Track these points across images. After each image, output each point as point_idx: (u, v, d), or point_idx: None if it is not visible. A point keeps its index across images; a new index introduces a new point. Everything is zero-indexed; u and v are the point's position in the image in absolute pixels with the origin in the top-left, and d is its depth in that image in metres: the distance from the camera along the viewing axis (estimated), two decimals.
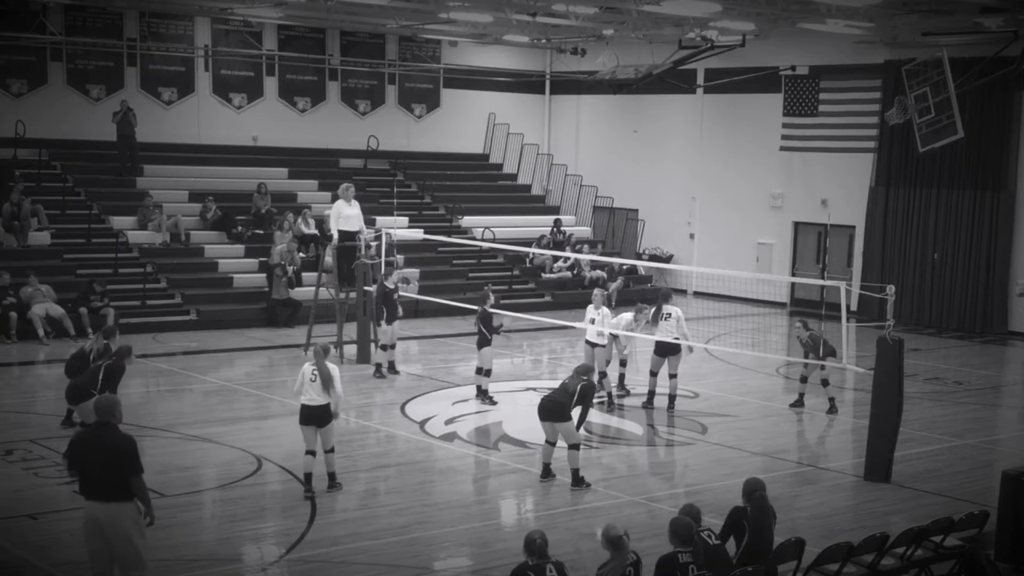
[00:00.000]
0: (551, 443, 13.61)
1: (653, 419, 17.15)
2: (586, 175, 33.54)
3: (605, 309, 17.77)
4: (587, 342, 17.82)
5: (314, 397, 12.72)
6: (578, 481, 13.41)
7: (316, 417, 12.76)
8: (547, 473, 13.67)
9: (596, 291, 18.31)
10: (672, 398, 17.50)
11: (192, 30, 28.65)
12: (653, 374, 17.77)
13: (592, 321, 17.63)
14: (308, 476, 12.94)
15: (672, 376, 17.49)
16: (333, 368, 12.83)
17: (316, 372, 12.71)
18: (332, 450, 13.04)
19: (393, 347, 19.70)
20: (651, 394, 17.77)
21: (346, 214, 21.26)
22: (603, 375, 17.58)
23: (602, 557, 8.41)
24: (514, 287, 28.05)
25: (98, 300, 22.48)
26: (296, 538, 11.49)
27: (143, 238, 25.49)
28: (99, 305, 22.40)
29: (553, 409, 13.39)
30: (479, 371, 18.02)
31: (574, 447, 13.40)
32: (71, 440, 9.29)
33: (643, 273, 30.59)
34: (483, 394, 17.92)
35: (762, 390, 19.49)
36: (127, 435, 9.12)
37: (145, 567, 9.07)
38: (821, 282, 23.90)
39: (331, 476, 13.10)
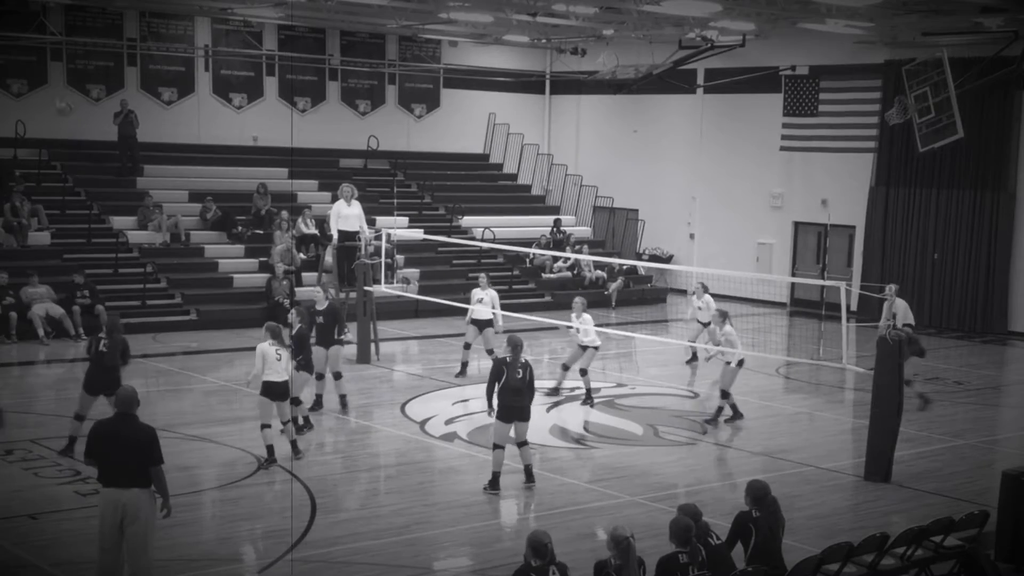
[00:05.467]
0: (503, 447, 13.21)
1: (654, 419, 17.15)
2: (586, 175, 33.54)
3: (587, 315, 17.80)
4: (579, 345, 18.07)
5: (279, 374, 13.68)
6: (531, 477, 13.41)
7: (279, 392, 13.72)
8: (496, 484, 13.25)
9: (576, 300, 18.27)
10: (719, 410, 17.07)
11: (192, 30, 28.64)
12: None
13: (577, 330, 17.86)
14: (271, 448, 13.82)
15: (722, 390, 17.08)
16: (284, 353, 13.88)
17: (280, 351, 13.70)
18: (288, 423, 14.01)
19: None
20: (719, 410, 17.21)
21: (345, 214, 21.27)
22: (583, 372, 17.87)
23: (601, 557, 8.40)
24: (514, 287, 28.05)
25: (83, 295, 22.45)
26: (296, 538, 11.49)
27: (143, 238, 25.49)
28: (86, 303, 22.38)
29: (526, 408, 13.19)
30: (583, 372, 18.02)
31: (525, 444, 13.42)
32: (91, 430, 9.43)
33: (643, 273, 30.58)
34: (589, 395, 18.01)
35: (762, 390, 19.48)
36: (147, 426, 9.45)
37: (150, 558, 9.29)
38: (821, 282, 23.91)
39: (293, 444, 14.11)
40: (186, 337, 22.61)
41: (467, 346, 19.81)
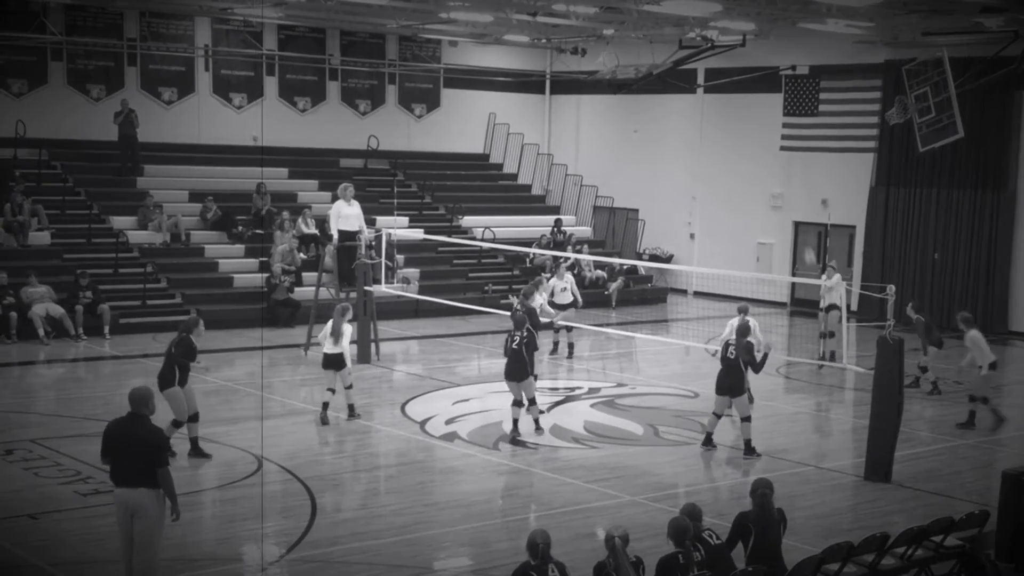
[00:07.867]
0: (718, 415, 15.16)
1: (654, 419, 17.14)
2: (586, 175, 33.54)
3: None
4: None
5: (331, 347, 15.85)
6: (750, 450, 14.97)
7: (332, 363, 15.90)
8: (708, 442, 15.24)
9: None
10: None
11: (192, 30, 28.63)
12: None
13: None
14: (325, 404, 16.01)
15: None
16: (348, 327, 16.01)
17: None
18: (350, 387, 16.12)
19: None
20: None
21: (345, 213, 21.27)
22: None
23: (601, 557, 8.41)
24: (514, 287, 28.02)
25: (85, 296, 22.43)
26: (296, 538, 11.49)
27: (143, 238, 25.49)
28: (88, 302, 22.37)
29: (734, 385, 14.85)
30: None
31: (747, 419, 15.04)
32: (105, 429, 9.49)
33: (643, 273, 30.58)
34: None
35: (762, 390, 19.45)
36: (156, 428, 9.54)
37: (156, 557, 9.32)
38: (821, 282, 23.87)
39: (350, 407, 16.15)
40: None
41: (557, 329, 21.55)
